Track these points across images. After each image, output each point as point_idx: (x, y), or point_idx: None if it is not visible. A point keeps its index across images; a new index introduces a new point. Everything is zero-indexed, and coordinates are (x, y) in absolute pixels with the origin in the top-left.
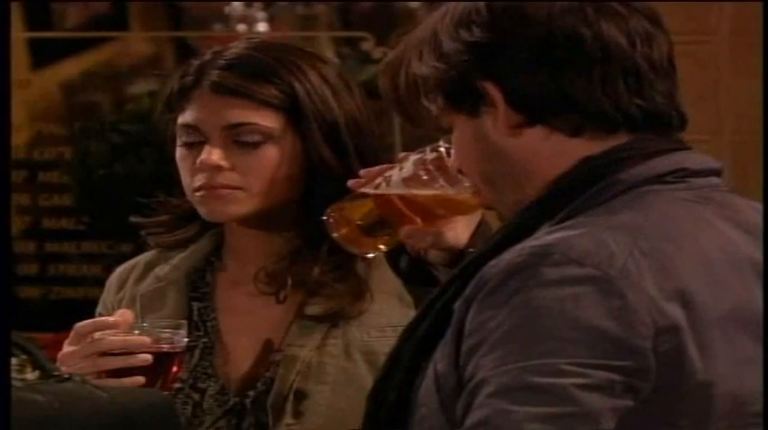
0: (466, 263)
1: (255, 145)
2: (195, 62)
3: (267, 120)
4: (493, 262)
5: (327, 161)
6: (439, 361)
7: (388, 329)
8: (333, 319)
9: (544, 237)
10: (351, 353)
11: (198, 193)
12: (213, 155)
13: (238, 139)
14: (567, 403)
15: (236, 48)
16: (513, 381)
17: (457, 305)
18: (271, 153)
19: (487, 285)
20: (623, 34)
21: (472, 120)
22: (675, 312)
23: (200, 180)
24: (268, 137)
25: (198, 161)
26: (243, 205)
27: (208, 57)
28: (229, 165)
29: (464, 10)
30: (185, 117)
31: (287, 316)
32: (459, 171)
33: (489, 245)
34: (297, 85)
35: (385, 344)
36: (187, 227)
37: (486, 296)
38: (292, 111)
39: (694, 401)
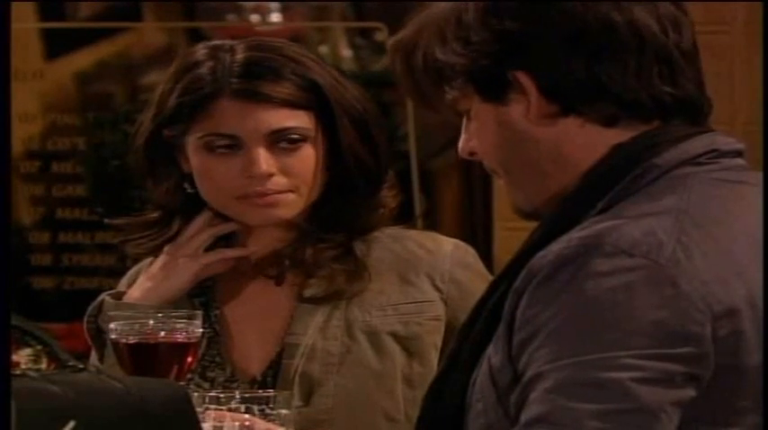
0: (513, 258)
1: (294, 148)
2: (199, 71)
3: (302, 121)
4: (541, 253)
5: (359, 153)
6: (493, 355)
7: (389, 308)
8: (332, 300)
9: (591, 227)
10: (353, 334)
11: (245, 200)
12: (263, 163)
13: (278, 144)
14: (625, 399)
15: (240, 52)
16: (570, 377)
17: (507, 297)
18: (308, 152)
19: (538, 276)
20: (655, 21)
21: (497, 108)
22: (732, 295)
23: (249, 187)
24: (305, 137)
25: (250, 170)
26: (293, 207)
27: (210, 63)
28: (276, 170)
29: None
30: (214, 127)
31: (289, 301)
32: (472, 153)
33: (534, 238)
34: (320, 82)
35: (386, 322)
36: (168, 228)
37: (537, 287)
38: (319, 109)
39: (753, 382)
